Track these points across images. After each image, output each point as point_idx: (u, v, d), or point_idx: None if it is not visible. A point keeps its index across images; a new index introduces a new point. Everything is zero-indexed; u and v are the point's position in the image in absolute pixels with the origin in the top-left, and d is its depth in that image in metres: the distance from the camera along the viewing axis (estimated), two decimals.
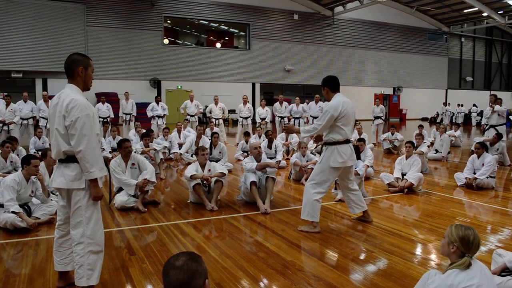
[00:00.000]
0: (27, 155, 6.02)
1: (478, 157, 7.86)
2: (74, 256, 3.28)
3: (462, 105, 29.93)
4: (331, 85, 5.13)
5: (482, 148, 7.88)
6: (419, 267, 4.03)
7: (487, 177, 7.62)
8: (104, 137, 12.16)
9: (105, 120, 14.40)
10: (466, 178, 7.79)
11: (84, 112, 3.17)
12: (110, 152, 11.19)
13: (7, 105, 12.05)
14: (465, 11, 31.05)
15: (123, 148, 6.39)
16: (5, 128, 11.91)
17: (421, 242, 4.79)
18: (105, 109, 14.72)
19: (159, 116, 14.68)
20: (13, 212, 5.09)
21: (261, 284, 3.73)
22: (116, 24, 24.00)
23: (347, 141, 5.05)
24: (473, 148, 8.61)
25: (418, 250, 4.55)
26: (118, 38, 24.04)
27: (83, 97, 3.30)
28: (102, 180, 3.38)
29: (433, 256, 4.36)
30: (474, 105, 29.50)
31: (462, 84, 37.85)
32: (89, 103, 3.33)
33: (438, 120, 28.14)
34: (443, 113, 29.74)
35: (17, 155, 8.23)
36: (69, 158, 3.26)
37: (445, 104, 31.22)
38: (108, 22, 23.78)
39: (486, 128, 11.14)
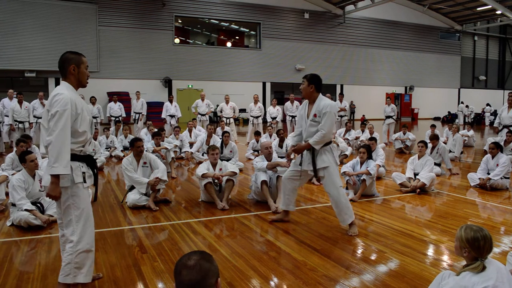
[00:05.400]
0: (21, 153, 5.88)
1: (493, 157, 7.75)
2: (63, 254, 3.26)
3: (467, 106, 29.62)
4: (318, 85, 4.99)
5: (496, 148, 7.78)
6: (431, 268, 4.00)
7: (501, 178, 7.53)
8: (116, 136, 12.25)
9: (117, 119, 14.51)
10: (479, 178, 7.70)
11: (64, 107, 3.09)
12: (122, 150, 11.29)
13: (20, 103, 12.17)
14: (478, 9, 30.75)
15: (135, 147, 6.42)
16: (21, 126, 12.04)
17: (433, 243, 4.74)
18: (117, 108, 14.84)
19: (172, 116, 14.75)
20: (26, 210, 5.15)
21: (272, 283, 3.72)
22: (128, 24, 24.19)
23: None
24: (487, 148, 8.50)
25: (431, 251, 4.50)
26: (130, 38, 24.22)
27: (73, 93, 3.25)
28: (91, 178, 3.36)
29: (445, 257, 4.31)
30: (488, 104, 29.18)
31: (475, 83, 37.48)
32: (79, 100, 3.28)
33: (468, 120, 27.89)
34: (460, 111, 29.38)
35: None
36: None
37: (460, 102, 30.96)
38: (120, 22, 23.97)
39: (500, 128, 10.99)
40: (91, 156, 3.46)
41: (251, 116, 14.94)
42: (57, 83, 22.11)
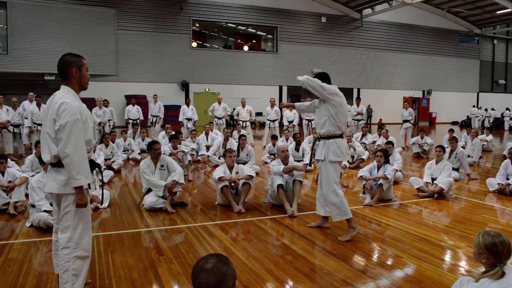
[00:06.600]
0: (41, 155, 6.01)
1: None
2: (59, 261, 3.19)
3: (486, 110, 29.21)
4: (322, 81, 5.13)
5: None
6: (449, 274, 3.96)
7: None
8: (134, 138, 12.37)
9: (134, 122, 14.65)
10: (498, 183, 7.59)
11: (73, 117, 3.06)
12: (139, 153, 11.40)
13: (39, 105, 12.35)
14: (497, 12, 30.28)
15: (153, 150, 6.49)
16: (40, 128, 12.22)
17: (451, 248, 4.69)
18: (135, 111, 14.98)
19: (188, 119, 14.85)
20: (45, 211, 5.22)
21: (288, 287, 3.73)
22: (146, 28, 24.46)
23: (342, 135, 5.03)
24: (506, 153, 8.37)
25: (448, 257, 4.46)
26: (148, 42, 24.48)
27: (76, 100, 3.20)
28: (95, 183, 3.29)
29: (463, 263, 4.27)
30: (507, 109, 28.73)
31: (495, 87, 36.91)
32: (83, 107, 3.23)
33: (486, 125, 27.64)
34: (474, 115, 29.00)
35: None
36: (60, 163, 3.13)
37: (472, 106, 30.63)
38: (138, 26, 24.24)
39: None
40: (94, 161, 3.40)
41: (268, 119, 14.96)
42: None
